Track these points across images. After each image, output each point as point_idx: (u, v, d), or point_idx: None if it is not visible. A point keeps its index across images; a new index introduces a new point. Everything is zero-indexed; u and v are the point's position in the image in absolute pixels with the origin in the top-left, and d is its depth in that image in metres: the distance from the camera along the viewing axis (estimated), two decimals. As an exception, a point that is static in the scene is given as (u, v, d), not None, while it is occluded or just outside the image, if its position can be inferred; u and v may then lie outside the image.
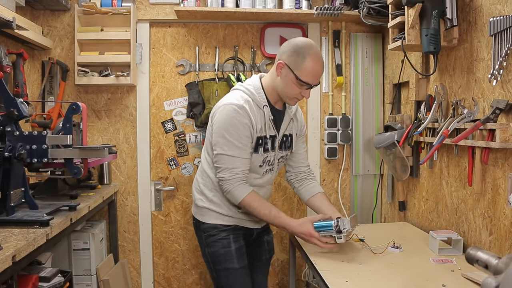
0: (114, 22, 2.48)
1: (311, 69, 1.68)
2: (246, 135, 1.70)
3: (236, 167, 1.70)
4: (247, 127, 1.70)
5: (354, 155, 2.74)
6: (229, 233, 1.83)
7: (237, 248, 1.83)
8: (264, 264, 2.07)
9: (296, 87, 1.70)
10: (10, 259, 1.21)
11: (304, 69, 1.67)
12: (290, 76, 1.69)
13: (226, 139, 1.69)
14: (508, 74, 1.50)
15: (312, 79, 1.70)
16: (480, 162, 1.64)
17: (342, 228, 1.63)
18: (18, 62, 2.11)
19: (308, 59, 1.67)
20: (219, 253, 1.81)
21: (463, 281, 1.45)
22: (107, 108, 2.62)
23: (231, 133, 1.68)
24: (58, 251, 2.14)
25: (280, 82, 1.73)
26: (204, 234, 1.85)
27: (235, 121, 1.68)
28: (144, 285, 2.69)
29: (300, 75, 1.67)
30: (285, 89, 1.72)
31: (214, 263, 1.83)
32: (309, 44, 1.71)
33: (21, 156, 1.52)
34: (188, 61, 2.64)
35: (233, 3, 2.49)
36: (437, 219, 2.04)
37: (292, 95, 1.73)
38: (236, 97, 1.74)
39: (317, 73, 1.71)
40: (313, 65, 1.67)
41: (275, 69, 1.73)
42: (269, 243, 2.06)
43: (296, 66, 1.67)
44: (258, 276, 2.04)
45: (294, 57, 1.68)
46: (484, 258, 0.93)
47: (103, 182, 2.55)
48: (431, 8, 1.73)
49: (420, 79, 2.12)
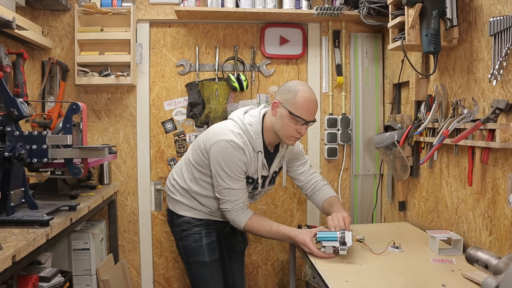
0: (114, 22, 2.48)
1: (304, 103, 1.75)
2: (243, 170, 1.82)
3: (238, 199, 1.82)
4: (244, 165, 1.80)
5: (354, 155, 2.73)
6: (201, 228, 1.95)
7: (208, 242, 1.94)
8: (239, 254, 2.21)
9: (292, 124, 1.77)
10: (10, 259, 1.21)
11: (296, 103, 1.75)
12: (284, 112, 1.76)
13: (227, 174, 1.78)
14: (508, 74, 1.50)
15: (306, 113, 1.76)
16: (480, 162, 1.64)
17: (347, 240, 1.65)
18: (18, 62, 2.11)
19: (299, 94, 1.76)
20: (191, 246, 1.93)
21: (463, 281, 1.45)
22: (107, 108, 2.62)
23: (232, 169, 1.78)
24: (58, 251, 2.14)
25: (277, 121, 1.80)
26: (178, 229, 1.97)
27: (235, 159, 1.77)
28: (144, 285, 2.69)
29: (294, 109, 1.75)
30: (282, 127, 1.79)
31: (186, 255, 1.96)
32: (300, 83, 1.83)
33: (21, 156, 1.52)
34: (188, 61, 2.64)
35: (233, 3, 2.49)
36: (437, 219, 2.04)
37: (289, 133, 1.80)
38: (235, 134, 1.79)
39: (310, 108, 1.78)
40: (305, 100, 1.75)
41: (271, 110, 1.82)
42: (242, 234, 2.18)
43: (289, 102, 1.76)
44: (235, 266, 2.18)
45: (287, 94, 1.78)
46: (484, 258, 0.93)
47: (103, 182, 2.55)
48: (431, 8, 1.73)
49: (420, 79, 2.12)
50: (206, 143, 1.83)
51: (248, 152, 1.81)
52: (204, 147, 1.84)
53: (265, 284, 2.79)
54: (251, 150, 1.82)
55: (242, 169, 1.80)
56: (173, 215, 2.00)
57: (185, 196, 1.96)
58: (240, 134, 1.80)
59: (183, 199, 1.96)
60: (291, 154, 2.04)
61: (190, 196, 1.95)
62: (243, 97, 2.68)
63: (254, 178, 1.89)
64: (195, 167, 1.90)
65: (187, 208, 1.96)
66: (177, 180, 1.99)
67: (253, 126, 1.83)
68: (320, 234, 1.70)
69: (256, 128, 1.83)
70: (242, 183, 1.83)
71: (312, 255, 1.71)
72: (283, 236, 1.81)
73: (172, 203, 2.01)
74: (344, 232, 1.66)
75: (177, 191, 1.98)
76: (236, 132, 1.80)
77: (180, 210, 1.97)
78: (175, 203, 1.99)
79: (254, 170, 1.86)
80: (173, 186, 2.00)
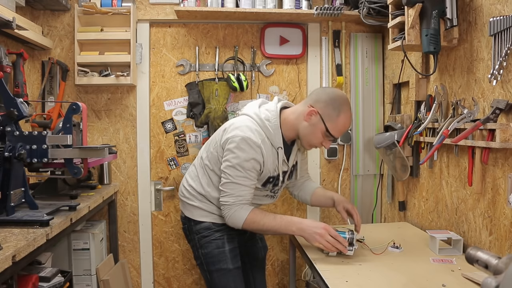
0: (114, 22, 2.48)
1: (342, 126, 1.74)
2: (257, 169, 1.73)
3: (241, 195, 1.72)
4: (258, 165, 1.72)
5: (354, 155, 2.74)
6: (223, 234, 1.83)
7: (231, 248, 1.83)
8: (261, 261, 2.11)
9: (321, 137, 1.75)
10: (10, 259, 1.21)
11: (336, 123, 1.72)
12: (319, 126, 1.72)
13: (238, 170, 1.70)
14: (508, 74, 1.50)
15: (339, 134, 1.76)
16: (480, 162, 1.64)
17: (354, 241, 1.66)
18: (18, 62, 2.11)
19: (342, 115, 1.72)
20: (213, 253, 1.82)
21: (463, 281, 1.45)
22: (107, 108, 2.62)
23: (244, 166, 1.69)
24: (58, 251, 2.14)
25: (307, 127, 1.75)
26: (197, 236, 1.86)
27: (250, 156, 1.69)
28: (144, 285, 2.69)
29: (330, 128, 1.72)
30: (309, 135, 1.76)
31: (207, 264, 1.83)
32: (346, 100, 1.76)
33: (21, 156, 1.52)
34: (188, 61, 2.64)
35: (233, 3, 2.49)
36: (437, 219, 2.04)
37: (314, 143, 1.78)
38: (253, 131, 1.71)
39: (346, 128, 1.78)
40: (344, 124, 1.74)
41: (305, 114, 1.74)
42: (262, 240, 2.10)
43: (329, 118, 1.72)
44: (258, 275, 2.07)
45: (330, 109, 1.71)
46: (484, 258, 0.93)
47: (103, 182, 2.55)
48: (431, 8, 1.73)
49: (420, 79, 2.12)
50: (223, 139, 1.75)
51: (267, 150, 1.72)
52: (222, 144, 1.76)
53: (265, 284, 2.79)
54: (270, 147, 1.74)
55: (255, 168, 1.71)
56: (190, 222, 1.88)
57: (203, 201, 1.85)
58: (258, 131, 1.72)
59: (201, 204, 1.85)
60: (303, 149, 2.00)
61: (209, 201, 1.84)
62: (243, 97, 2.68)
63: (274, 176, 1.80)
64: (213, 170, 1.81)
65: (206, 214, 1.84)
66: (193, 185, 1.88)
67: (271, 122, 1.75)
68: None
69: (275, 123, 1.75)
70: (251, 182, 1.73)
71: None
72: (289, 224, 1.71)
73: (189, 210, 1.89)
74: (353, 233, 1.67)
75: (193, 196, 1.87)
76: (254, 129, 1.72)
77: (199, 216, 1.85)
78: (193, 209, 1.87)
79: (274, 167, 1.78)
80: (189, 192, 1.89)
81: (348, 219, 1.91)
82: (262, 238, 2.11)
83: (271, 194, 1.92)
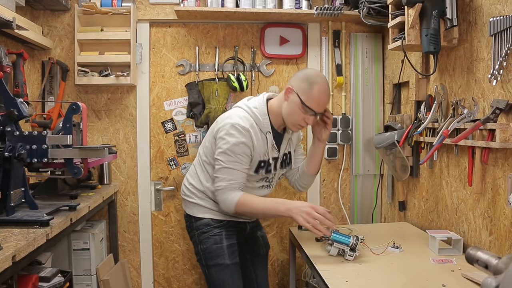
0: (114, 22, 2.48)
1: (318, 96, 1.77)
2: (247, 154, 1.79)
3: (233, 179, 1.77)
4: (248, 149, 1.78)
5: (354, 155, 2.74)
6: (221, 230, 1.89)
7: (229, 244, 1.88)
8: (263, 258, 2.14)
9: (301, 113, 1.78)
10: (10, 259, 1.21)
11: (311, 94, 1.76)
12: (296, 100, 1.78)
13: (228, 156, 1.76)
14: (508, 74, 1.50)
15: (316, 106, 1.78)
16: (480, 162, 1.64)
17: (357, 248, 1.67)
18: (18, 62, 2.11)
19: (316, 87, 1.76)
20: (211, 249, 1.87)
21: (463, 281, 1.45)
22: (107, 108, 2.62)
23: (234, 151, 1.76)
24: (58, 251, 2.14)
25: (287, 106, 1.81)
26: (197, 232, 1.92)
27: (239, 141, 1.76)
28: (144, 285, 2.69)
29: (306, 100, 1.76)
30: (290, 114, 1.80)
31: (206, 259, 1.89)
32: (319, 75, 1.84)
33: (21, 156, 1.52)
34: (188, 61, 2.64)
35: (233, 3, 2.49)
36: (437, 219, 2.04)
37: (296, 121, 1.81)
38: (242, 119, 1.79)
39: (323, 101, 1.80)
40: (320, 92, 1.77)
41: (283, 94, 1.82)
42: (263, 237, 2.14)
43: (303, 91, 1.77)
44: (259, 271, 2.11)
45: (303, 83, 1.77)
46: (484, 258, 0.93)
47: (103, 182, 2.54)
48: (431, 8, 1.73)
49: (420, 79, 2.12)
50: (215, 129, 1.83)
51: (255, 134, 1.79)
52: (214, 135, 1.84)
53: (265, 284, 2.79)
54: (259, 132, 1.81)
55: (245, 152, 1.77)
56: (191, 219, 1.95)
57: (203, 198, 1.92)
58: (246, 117, 1.80)
59: (200, 201, 1.92)
60: (297, 138, 2.05)
61: (208, 198, 1.91)
62: (243, 97, 2.63)
63: (265, 160, 1.86)
64: (210, 164, 1.87)
65: (206, 210, 1.91)
66: (193, 183, 1.95)
67: (259, 109, 1.83)
68: (335, 235, 1.71)
69: (262, 110, 1.83)
70: (242, 167, 1.78)
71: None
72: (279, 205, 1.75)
73: (190, 207, 1.96)
74: (358, 239, 1.68)
75: (193, 194, 1.94)
76: (243, 115, 1.80)
77: (198, 212, 1.92)
78: (193, 206, 1.94)
79: (263, 152, 1.83)
80: (189, 190, 1.96)
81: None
82: (264, 236, 2.14)
83: (266, 184, 1.95)
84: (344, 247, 1.67)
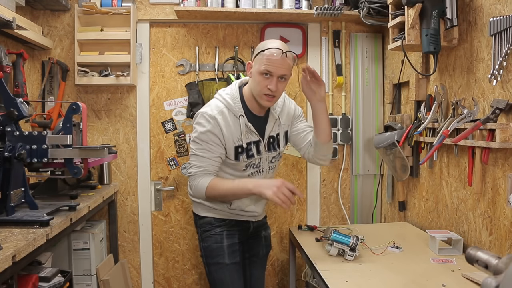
0: (114, 22, 2.48)
1: (268, 55, 1.71)
2: (215, 142, 1.78)
3: (203, 165, 1.78)
4: (216, 137, 1.78)
5: (354, 155, 2.74)
6: (223, 229, 1.90)
7: (229, 244, 1.88)
8: (261, 259, 2.12)
9: (261, 80, 1.73)
10: (10, 259, 1.21)
11: (261, 59, 1.73)
12: (254, 70, 1.76)
13: (197, 144, 1.80)
14: (508, 74, 1.50)
15: (270, 66, 1.70)
16: (480, 162, 1.64)
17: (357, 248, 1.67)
18: (18, 62, 2.11)
19: (265, 49, 1.73)
20: (212, 247, 1.88)
21: (463, 281, 1.45)
22: (107, 108, 2.62)
23: (202, 139, 1.78)
24: (58, 251, 2.14)
25: (251, 82, 1.81)
26: (200, 230, 1.94)
27: (205, 129, 1.77)
28: (144, 285, 2.69)
29: (259, 64, 1.73)
30: (254, 86, 1.78)
31: (206, 257, 1.91)
32: (271, 40, 1.81)
33: (21, 156, 1.52)
34: (188, 61, 2.64)
35: (233, 3, 2.49)
36: (437, 219, 2.04)
37: (260, 90, 1.75)
38: (211, 107, 1.81)
39: (274, 59, 1.70)
40: (270, 52, 1.71)
41: (247, 72, 1.83)
42: (266, 238, 2.11)
43: (256, 59, 1.76)
44: (256, 270, 2.09)
45: (257, 52, 1.77)
46: (484, 258, 0.93)
47: (103, 182, 2.54)
48: (431, 8, 1.73)
49: (420, 79, 2.12)
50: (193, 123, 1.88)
51: (225, 120, 1.77)
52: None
53: (265, 284, 2.79)
54: (231, 117, 1.79)
55: (213, 140, 1.77)
56: (196, 217, 1.97)
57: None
58: (215, 105, 1.81)
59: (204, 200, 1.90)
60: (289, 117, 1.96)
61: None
62: (243, 97, 2.68)
63: (241, 145, 1.81)
64: None
65: (208, 209, 1.91)
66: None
67: (230, 94, 1.83)
68: (335, 234, 1.71)
69: (233, 94, 1.82)
70: (211, 154, 1.78)
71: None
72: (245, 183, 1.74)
73: (195, 205, 1.97)
74: (358, 239, 1.68)
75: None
76: (213, 104, 1.82)
77: (202, 211, 1.93)
78: (197, 205, 1.95)
79: (237, 136, 1.80)
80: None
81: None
82: (268, 236, 2.11)
83: (255, 170, 1.89)
84: (344, 247, 1.67)
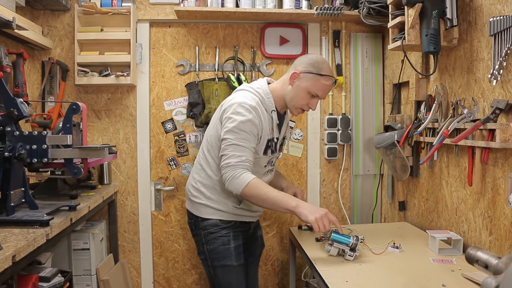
0: (114, 22, 2.48)
1: (325, 83, 1.80)
2: (254, 133, 1.76)
3: (243, 155, 1.71)
4: (255, 128, 1.76)
5: (354, 155, 2.73)
6: (229, 231, 1.87)
7: (236, 246, 1.87)
8: (257, 258, 2.16)
9: (306, 98, 1.81)
10: (10, 259, 1.21)
11: (317, 81, 1.79)
12: (303, 85, 1.80)
13: (235, 133, 1.72)
14: (508, 74, 1.50)
15: (322, 92, 1.82)
16: (480, 162, 1.64)
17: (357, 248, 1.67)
18: (18, 62, 2.11)
19: (323, 73, 1.79)
20: (219, 250, 1.85)
21: (463, 281, 1.45)
22: (107, 108, 2.62)
23: (241, 128, 1.73)
24: (58, 251, 2.14)
25: (291, 91, 1.83)
26: (204, 232, 1.88)
27: (246, 119, 1.73)
28: (144, 285, 2.69)
29: (313, 86, 1.79)
30: (295, 98, 1.82)
31: (212, 259, 1.87)
32: (324, 61, 1.85)
33: (21, 156, 1.52)
34: (188, 61, 2.64)
35: (233, 3, 2.49)
36: (437, 219, 2.04)
37: (300, 105, 1.84)
38: (248, 98, 1.79)
39: (328, 88, 1.82)
40: (326, 79, 1.80)
41: (288, 79, 1.83)
42: (261, 237, 2.16)
43: (310, 77, 1.79)
44: (252, 271, 2.12)
45: (311, 69, 1.80)
46: (484, 258, 0.93)
47: (103, 182, 2.54)
48: (431, 8, 1.73)
49: (420, 79, 2.12)
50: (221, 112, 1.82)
51: (262, 112, 1.79)
52: (220, 118, 1.82)
53: (265, 284, 2.79)
54: (264, 111, 1.81)
55: (253, 132, 1.74)
56: (196, 218, 1.91)
57: (211, 198, 1.86)
58: (251, 97, 1.80)
59: (208, 201, 1.87)
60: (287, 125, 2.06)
61: (217, 195, 1.86)
62: (243, 97, 2.68)
63: (272, 139, 1.86)
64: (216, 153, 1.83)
65: (214, 211, 1.86)
66: (200, 180, 1.90)
67: (262, 88, 1.84)
68: (335, 235, 1.71)
69: (265, 89, 1.84)
70: (250, 145, 1.73)
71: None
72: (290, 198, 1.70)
73: (197, 207, 1.90)
74: (358, 239, 1.68)
75: (201, 194, 1.89)
76: (249, 95, 1.81)
77: (206, 214, 1.87)
78: (200, 207, 1.89)
79: (270, 130, 1.84)
80: (196, 189, 1.91)
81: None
82: (262, 236, 2.16)
83: (270, 168, 1.96)
84: (344, 247, 1.67)
